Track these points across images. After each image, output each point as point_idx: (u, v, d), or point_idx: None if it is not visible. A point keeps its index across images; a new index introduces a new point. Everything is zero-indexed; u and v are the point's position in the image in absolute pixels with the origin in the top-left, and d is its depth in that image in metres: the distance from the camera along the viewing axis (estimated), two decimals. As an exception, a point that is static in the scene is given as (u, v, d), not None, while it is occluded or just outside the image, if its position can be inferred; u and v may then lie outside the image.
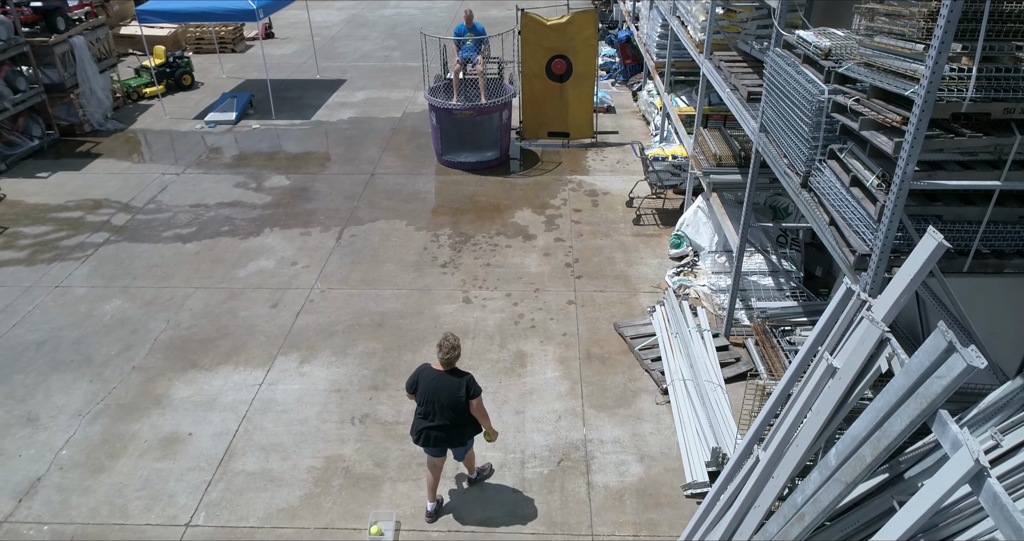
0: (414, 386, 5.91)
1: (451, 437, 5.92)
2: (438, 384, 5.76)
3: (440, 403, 5.76)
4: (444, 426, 5.83)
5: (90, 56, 14.60)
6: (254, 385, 7.80)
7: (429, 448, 6.03)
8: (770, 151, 6.66)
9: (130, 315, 8.97)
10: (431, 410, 5.81)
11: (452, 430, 5.87)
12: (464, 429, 5.95)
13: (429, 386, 5.79)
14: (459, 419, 5.83)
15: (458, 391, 5.72)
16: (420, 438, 5.93)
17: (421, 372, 5.91)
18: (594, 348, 8.32)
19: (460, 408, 5.78)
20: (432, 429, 5.86)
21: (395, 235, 10.78)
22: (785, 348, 7.17)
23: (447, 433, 5.88)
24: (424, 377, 5.84)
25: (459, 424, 5.87)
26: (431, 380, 5.80)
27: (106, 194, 12.08)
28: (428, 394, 5.79)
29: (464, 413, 5.82)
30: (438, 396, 5.75)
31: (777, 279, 8.95)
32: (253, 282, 9.62)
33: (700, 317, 8.50)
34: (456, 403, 5.75)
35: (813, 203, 5.65)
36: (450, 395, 5.73)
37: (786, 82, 6.12)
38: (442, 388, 5.74)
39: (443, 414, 5.78)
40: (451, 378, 5.76)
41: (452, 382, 5.75)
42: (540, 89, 13.32)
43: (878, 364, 4.33)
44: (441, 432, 5.86)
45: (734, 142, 9.55)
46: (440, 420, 5.81)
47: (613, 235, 10.72)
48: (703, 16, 9.53)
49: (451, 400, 5.74)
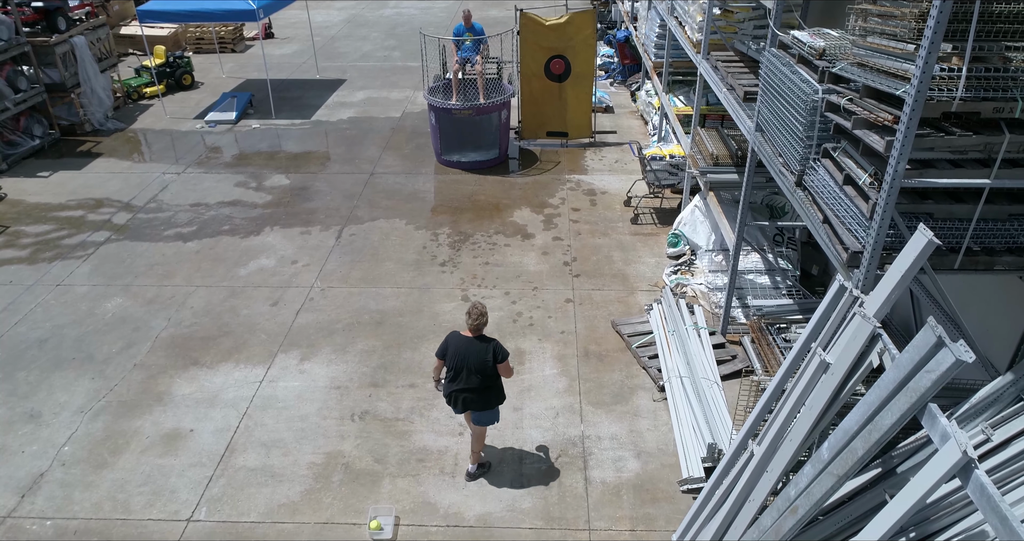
0: (444, 352, 6.27)
1: (478, 399, 6.30)
2: (467, 349, 6.13)
3: (469, 367, 6.14)
4: (472, 389, 6.21)
5: (91, 56, 14.67)
6: (255, 382, 7.87)
7: (458, 410, 6.40)
8: (766, 150, 6.73)
9: (131, 313, 9.04)
10: (460, 374, 6.19)
11: (479, 392, 6.25)
12: (490, 392, 6.32)
13: (459, 351, 6.16)
14: (486, 382, 6.21)
15: (486, 355, 6.10)
16: (450, 400, 6.37)
17: (450, 338, 6.27)
18: (592, 346, 8.39)
19: (488, 371, 6.15)
20: (461, 391, 6.25)
21: (395, 234, 10.85)
22: (781, 345, 7.24)
23: (475, 395, 6.25)
24: (453, 343, 6.21)
25: (486, 387, 6.25)
26: (460, 345, 6.17)
27: (107, 193, 12.15)
28: (458, 359, 6.17)
29: (491, 376, 6.20)
30: (467, 360, 6.13)
31: (773, 278, 9.02)
32: (254, 280, 9.69)
33: (697, 315, 8.57)
34: (484, 367, 6.12)
35: (807, 201, 5.72)
36: (479, 359, 6.10)
37: (781, 82, 6.19)
38: (471, 353, 6.12)
39: (471, 377, 6.16)
40: (479, 343, 6.13)
41: (480, 347, 6.12)
42: (539, 89, 13.39)
43: (870, 359, 4.40)
44: (470, 394, 6.25)
45: (731, 142, 9.62)
46: (468, 383, 6.18)
47: (611, 234, 10.79)
48: (700, 16, 9.60)
49: (479, 364, 6.11)
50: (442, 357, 6.33)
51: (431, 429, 7.21)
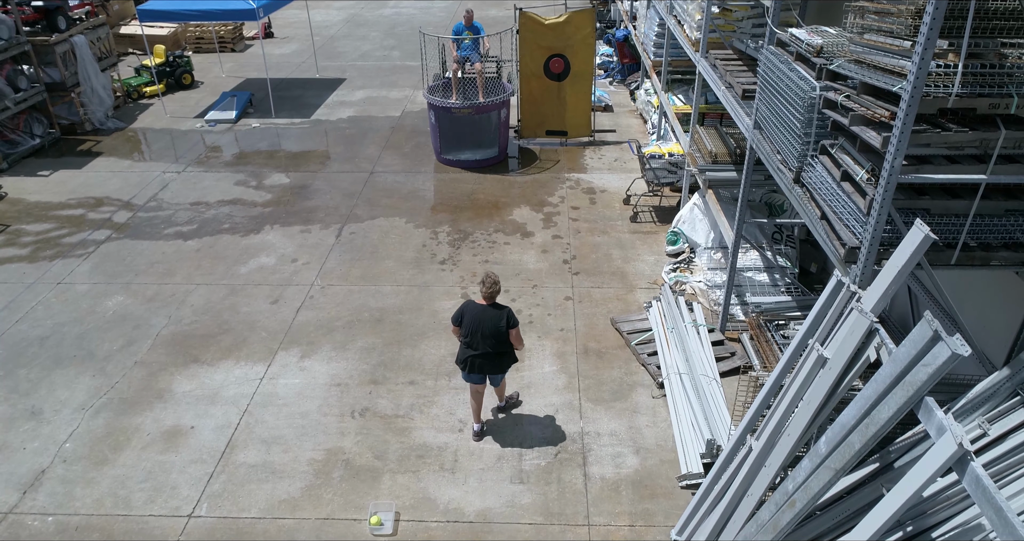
0: (460, 319, 6.60)
1: (492, 364, 6.66)
2: (482, 316, 6.49)
3: (484, 333, 6.48)
4: (487, 354, 6.57)
5: (91, 55, 14.69)
6: (255, 379, 7.89)
7: (473, 375, 6.73)
8: (764, 147, 6.76)
9: (132, 311, 9.06)
10: (476, 340, 6.53)
11: (493, 357, 6.62)
12: (503, 357, 6.69)
13: (474, 318, 6.51)
14: (500, 347, 6.58)
15: (500, 322, 6.47)
16: (466, 366, 6.68)
17: (466, 307, 6.62)
18: (591, 343, 8.42)
19: (501, 337, 6.51)
20: (476, 357, 6.59)
21: (394, 232, 10.88)
22: (779, 342, 7.27)
23: (489, 360, 6.61)
24: (469, 311, 6.57)
25: (499, 352, 6.61)
26: (475, 313, 6.52)
27: (107, 192, 12.17)
28: (473, 325, 6.51)
29: (504, 342, 6.56)
30: (482, 327, 6.48)
31: (772, 275, 9.05)
32: (254, 279, 9.71)
33: (696, 312, 8.60)
34: (498, 332, 6.48)
35: (805, 198, 5.75)
36: (493, 325, 6.46)
37: (779, 79, 6.22)
38: (486, 319, 6.47)
39: (486, 342, 6.51)
40: (493, 311, 6.50)
41: (494, 314, 6.49)
42: (538, 88, 13.42)
43: (867, 354, 4.43)
44: (484, 360, 6.60)
45: (729, 140, 9.65)
46: (483, 348, 6.54)
47: (610, 232, 10.82)
48: (699, 15, 9.63)
49: (493, 330, 6.47)
50: (458, 323, 6.65)
51: (431, 426, 7.24)
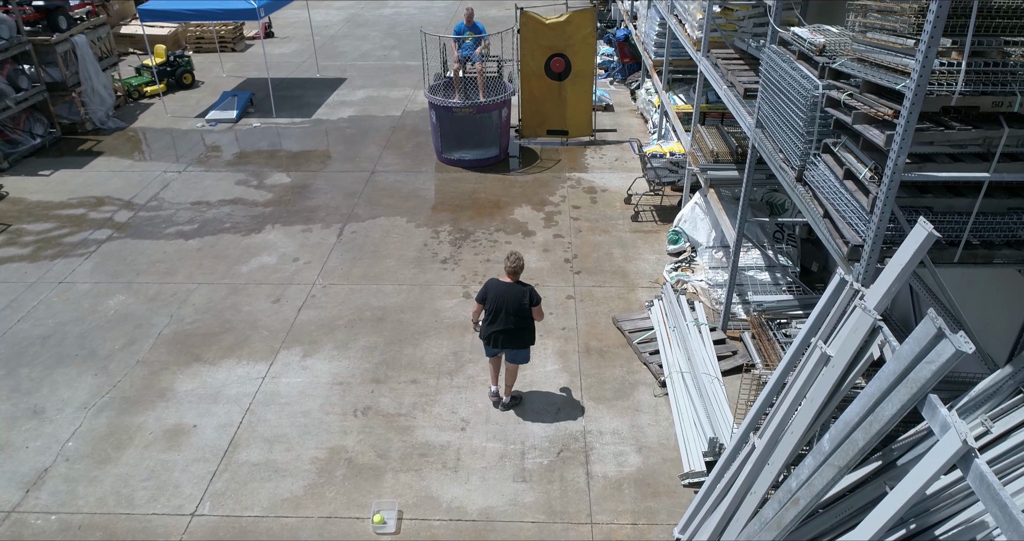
0: (484, 296, 6.90)
1: (513, 339, 6.94)
2: (506, 292, 6.80)
3: (507, 309, 6.79)
4: (509, 330, 6.86)
5: (92, 55, 14.70)
6: (257, 378, 7.90)
7: (493, 349, 7.06)
8: (766, 146, 6.77)
9: (133, 310, 9.06)
10: (499, 315, 6.83)
11: (515, 333, 6.90)
12: (524, 333, 6.97)
13: (498, 294, 6.81)
14: (521, 323, 6.88)
15: (523, 298, 6.78)
16: (489, 340, 6.98)
17: (490, 284, 6.91)
18: (593, 342, 8.42)
19: (524, 312, 6.82)
20: (499, 332, 6.89)
21: (396, 232, 10.88)
22: (781, 340, 7.27)
23: (511, 336, 6.91)
24: (493, 288, 6.86)
25: (521, 327, 6.91)
26: (500, 290, 6.83)
27: (108, 192, 12.18)
28: (497, 301, 6.81)
29: (526, 318, 6.87)
30: (506, 303, 6.78)
31: (773, 274, 9.06)
32: (255, 278, 9.72)
33: (697, 311, 8.61)
34: (521, 308, 6.79)
35: (808, 196, 5.76)
36: (516, 302, 6.77)
37: (781, 78, 6.23)
38: (510, 296, 6.78)
39: (508, 319, 6.81)
40: (517, 287, 6.81)
41: (519, 291, 6.80)
42: (539, 87, 13.43)
43: (870, 351, 4.44)
44: (506, 335, 6.90)
45: (731, 139, 9.66)
46: (506, 324, 6.83)
47: (611, 231, 10.82)
48: (700, 15, 9.64)
49: (516, 306, 6.77)
50: (482, 301, 6.93)
51: (433, 424, 7.24)
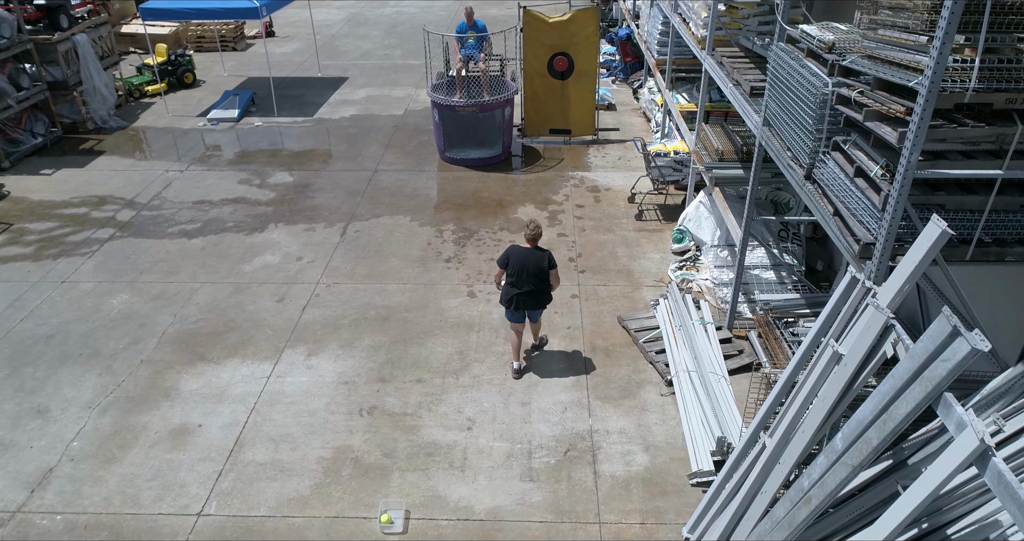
0: (506, 262, 7.41)
1: (534, 300, 7.50)
2: (527, 257, 7.33)
3: (528, 272, 7.32)
4: (530, 292, 7.40)
5: (93, 54, 14.66)
6: (262, 378, 7.87)
7: (516, 312, 7.54)
8: (773, 145, 6.75)
9: (137, 309, 9.03)
10: (520, 279, 7.35)
11: (535, 295, 7.46)
12: (543, 294, 7.53)
13: (519, 259, 7.34)
14: (541, 285, 7.43)
15: (542, 262, 7.33)
16: (511, 303, 7.48)
17: (511, 250, 7.44)
18: (598, 341, 8.40)
19: (543, 275, 7.36)
20: (521, 295, 7.41)
21: (399, 231, 10.86)
22: (789, 340, 7.25)
23: (531, 297, 7.45)
24: (514, 253, 7.39)
25: (541, 290, 7.46)
26: (521, 254, 7.36)
27: (110, 191, 12.14)
28: (518, 266, 7.33)
29: (545, 280, 7.42)
30: (527, 267, 7.31)
31: (779, 273, 9.04)
32: (259, 277, 9.69)
33: (703, 310, 8.58)
34: (540, 271, 7.33)
35: (817, 194, 5.74)
36: (536, 265, 7.31)
37: (789, 76, 6.21)
38: (530, 260, 7.31)
39: (529, 281, 7.35)
40: (537, 252, 7.37)
41: (538, 255, 7.35)
42: (542, 86, 13.40)
43: (883, 350, 4.42)
44: (527, 297, 7.42)
45: (736, 137, 9.63)
46: (527, 286, 7.37)
47: (615, 230, 10.80)
48: (705, 13, 9.62)
49: (536, 269, 7.31)
50: (504, 266, 7.44)
51: (439, 424, 7.22)
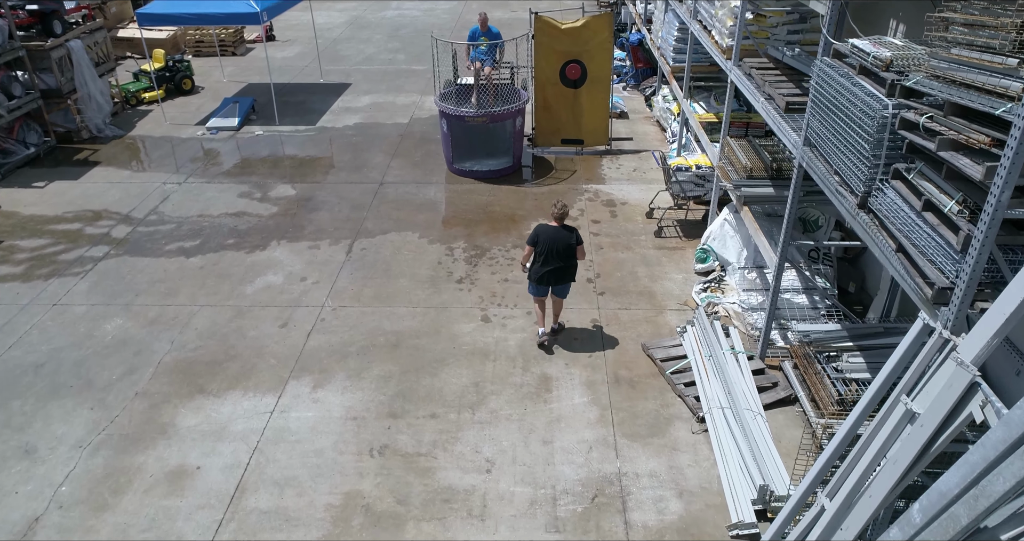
0: (535, 240, 7.83)
1: (561, 276, 7.94)
2: (556, 235, 7.79)
3: (557, 249, 7.77)
4: (558, 268, 7.84)
5: (88, 60, 14.16)
6: (265, 412, 7.37)
7: (541, 288, 8.03)
8: (817, 167, 6.26)
9: (132, 335, 8.54)
10: (550, 256, 7.79)
11: (563, 270, 7.91)
12: (569, 270, 7.97)
13: (549, 237, 7.78)
14: (569, 261, 7.88)
15: (571, 239, 7.81)
16: (541, 280, 7.94)
17: (540, 229, 7.88)
18: (622, 371, 7.91)
19: (571, 251, 7.83)
20: (549, 272, 7.85)
21: (407, 248, 10.36)
22: (832, 375, 6.75)
23: (559, 273, 7.90)
24: (543, 231, 7.84)
25: (569, 266, 7.91)
26: (550, 233, 7.81)
27: (105, 204, 11.64)
28: (548, 244, 7.77)
29: (572, 257, 7.88)
30: (556, 244, 7.76)
31: (811, 297, 8.55)
32: (261, 299, 9.19)
33: (733, 337, 8.09)
34: (569, 247, 7.80)
35: (874, 226, 5.25)
36: (565, 242, 7.77)
37: (839, 94, 5.72)
38: (559, 238, 7.78)
39: (558, 257, 7.79)
40: (564, 230, 7.85)
41: (566, 233, 7.83)
42: (553, 95, 12.92)
43: (968, 411, 3.93)
44: (555, 273, 7.87)
45: (764, 153, 9.14)
46: (555, 263, 7.81)
47: (634, 248, 10.31)
48: (731, 21, 9.13)
49: (565, 246, 7.78)
50: (533, 244, 7.84)
51: (456, 465, 6.73)
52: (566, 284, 8.10)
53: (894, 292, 7.76)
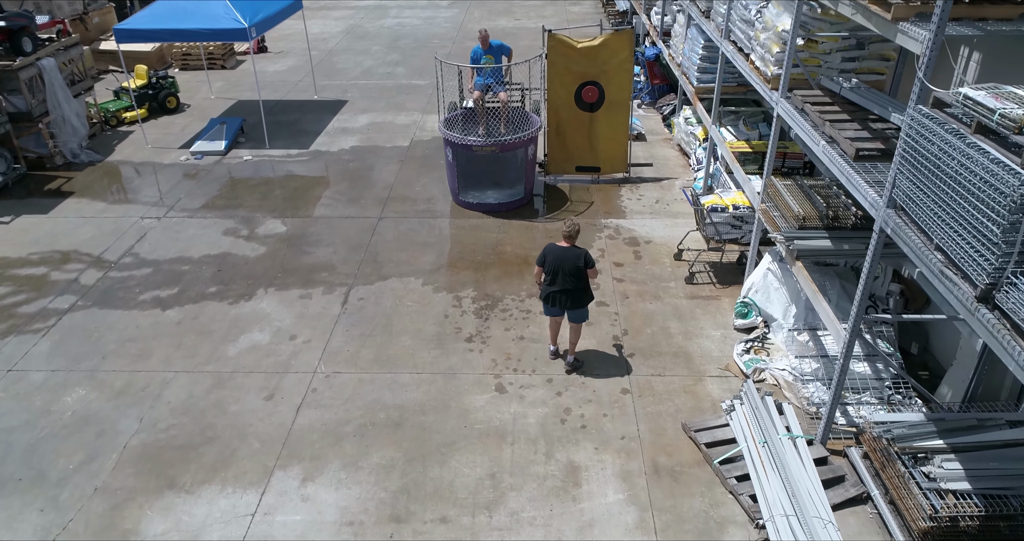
0: (543, 260, 7.47)
1: (571, 299, 7.49)
2: (564, 255, 7.36)
3: (564, 270, 7.34)
4: (566, 290, 7.41)
5: (61, 80, 13.04)
6: (246, 514, 6.28)
7: (554, 308, 7.61)
8: (910, 239, 5.18)
9: (96, 410, 7.44)
10: (557, 277, 7.39)
11: (572, 293, 7.45)
12: (582, 292, 7.50)
13: (556, 257, 7.38)
14: (579, 284, 7.43)
15: (578, 261, 7.35)
16: (549, 300, 7.57)
17: (548, 248, 7.48)
18: (661, 457, 6.82)
19: (580, 274, 7.38)
20: (558, 293, 7.45)
21: (410, 297, 9.27)
22: (923, 485, 5.64)
23: (568, 296, 7.45)
24: (551, 251, 7.44)
25: (578, 289, 7.45)
26: (557, 252, 7.39)
27: (76, 244, 10.54)
28: (555, 264, 7.38)
29: (582, 279, 7.42)
30: (563, 265, 7.34)
31: (873, 364, 7.48)
32: (245, 363, 8.10)
33: (788, 416, 7.01)
34: (577, 269, 7.35)
35: (1004, 329, 4.16)
36: (572, 264, 7.33)
37: (946, 156, 4.64)
38: (567, 258, 7.34)
39: (566, 279, 7.37)
40: (574, 251, 7.38)
41: (574, 254, 7.37)
42: (568, 119, 11.84)
43: None
44: (564, 295, 7.45)
45: (814, 195, 8.08)
46: (563, 285, 7.39)
47: (664, 297, 9.22)
48: (777, 47, 8.04)
49: (573, 267, 7.33)
50: (541, 265, 7.50)
51: (472, 588, 5.65)
52: (579, 309, 7.62)
53: (983, 370, 6.67)
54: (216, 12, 12.80)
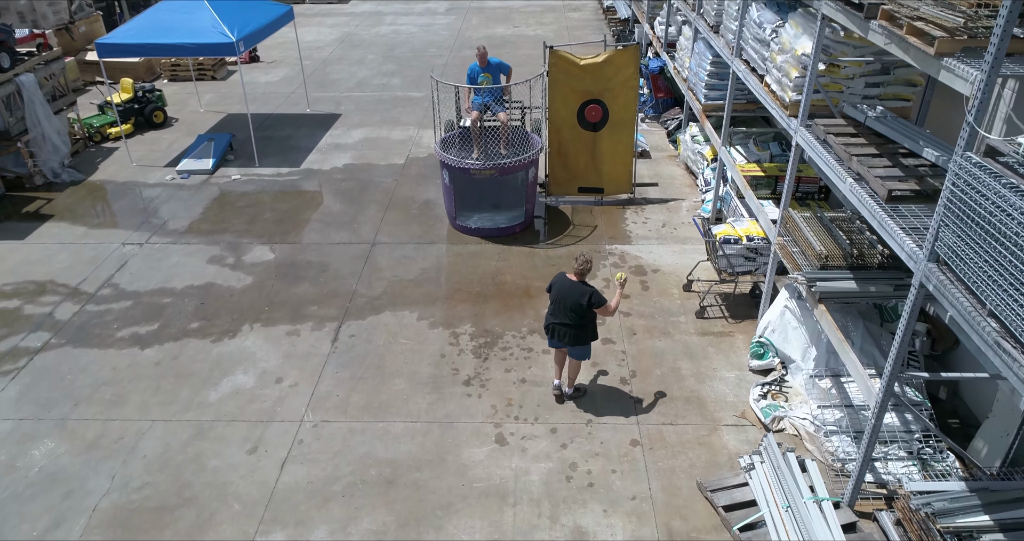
0: (551, 287, 7.23)
1: (572, 335, 7.15)
2: (569, 290, 7.05)
3: (565, 305, 7.04)
4: (567, 324, 7.10)
5: (42, 97, 12.50)
6: (223, 591, 5.75)
7: (554, 340, 7.29)
8: (955, 300, 4.65)
9: (65, 466, 6.90)
10: (558, 309, 7.12)
11: (573, 329, 7.11)
12: (583, 331, 7.16)
13: (560, 289, 7.11)
14: (579, 321, 7.08)
15: (581, 298, 6.96)
16: (549, 331, 7.29)
17: (557, 278, 7.23)
18: (676, 521, 6.29)
19: (581, 311, 7.00)
20: (557, 325, 7.17)
21: (404, 334, 8.74)
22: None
23: (569, 331, 7.12)
24: (558, 282, 7.17)
25: (579, 325, 7.10)
26: (563, 285, 7.10)
27: (52, 273, 9.99)
28: (557, 297, 7.12)
29: (584, 317, 7.06)
30: (565, 299, 7.04)
31: (902, 415, 6.96)
32: (227, 411, 7.56)
33: (811, 474, 6.48)
34: (578, 307, 6.98)
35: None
36: (575, 300, 6.98)
37: (1003, 213, 4.12)
38: (571, 294, 7.01)
39: (566, 314, 7.06)
40: (579, 286, 7.02)
41: (580, 290, 7.00)
42: (570, 139, 11.31)
43: None
44: (564, 328, 7.13)
45: (836, 230, 7.54)
46: (563, 318, 7.09)
47: (673, 333, 8.70)
48: (796, 71, 7.52)
49: (574, 304, 6.98)
50: (549, 291, 7.25)
51: None
52: (579, 346, 7.28)
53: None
54: (203, 26, 12.26)
